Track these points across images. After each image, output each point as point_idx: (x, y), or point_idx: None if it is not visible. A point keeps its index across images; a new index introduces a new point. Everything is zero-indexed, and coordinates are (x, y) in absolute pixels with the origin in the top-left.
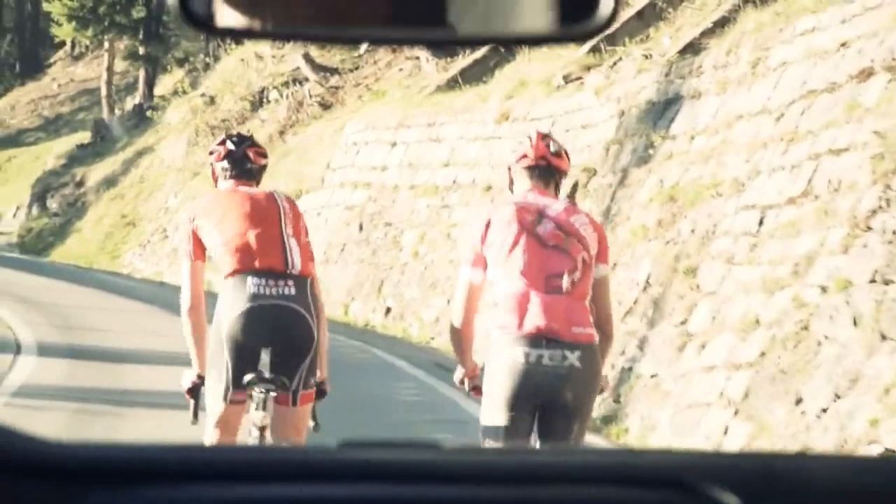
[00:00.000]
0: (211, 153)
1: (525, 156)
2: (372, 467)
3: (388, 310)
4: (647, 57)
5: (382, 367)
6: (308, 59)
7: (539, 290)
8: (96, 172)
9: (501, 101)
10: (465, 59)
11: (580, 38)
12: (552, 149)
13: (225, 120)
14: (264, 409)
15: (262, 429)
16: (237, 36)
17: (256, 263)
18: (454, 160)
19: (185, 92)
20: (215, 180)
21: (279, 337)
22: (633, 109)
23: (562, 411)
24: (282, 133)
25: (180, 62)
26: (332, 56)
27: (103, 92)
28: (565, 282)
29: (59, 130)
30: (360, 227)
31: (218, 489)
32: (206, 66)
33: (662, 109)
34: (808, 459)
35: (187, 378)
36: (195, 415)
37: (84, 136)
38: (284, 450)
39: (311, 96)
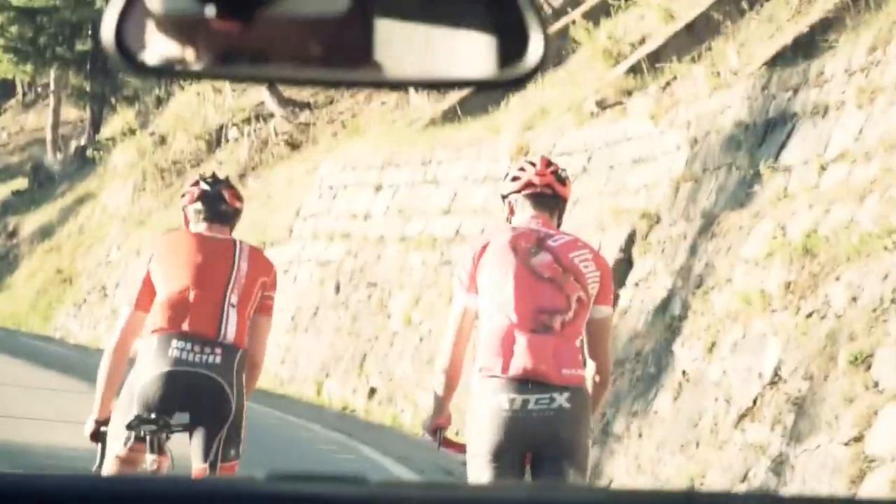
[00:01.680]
0: (183, 196)
1: (530, 183)
2: (299, 500)
3: (373, 391)
4: (716, 74)
5: (373, 473)
6: (274, 92)
7: (527, 327)
8: (31, 222)
9: (518, 132)
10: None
11: (514, 84)
12: (559, 176)
13: (177, 162)
14: (155, 451)
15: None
16: (166, 75)
17: (186, 326)
18: (457, 206)
19: (133, 132)
20: (187, 225)
21: (193, 407)
22: (711, 136)
23: (553, 457)
24: (242, 176)
25: (130, 101)
26: (302, 90)
27: (48, 136)
28: (556, 321)
29: (8, 181)
30: (337, 288)
31: None
32: (159, 103)
33: (763, 133)
34: (725, 496)
35: (89, 423)
36: (100, 462)
37: (22, 183)
38: (211, 481)
39: (277, 134)
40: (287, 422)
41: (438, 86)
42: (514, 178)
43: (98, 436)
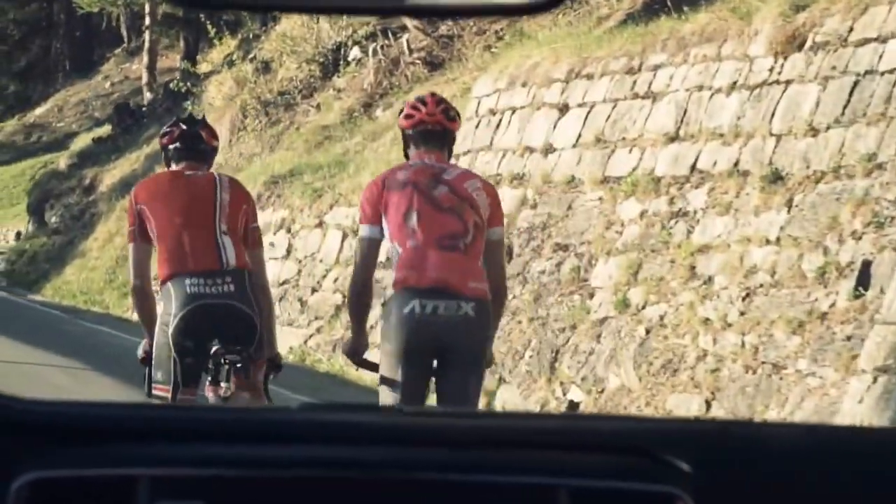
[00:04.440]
0: (163, 136)
1: (421, 121)
2: (332, 428)
3: (574, 406)
4: None
5: None
6: None
7: (434, 248)
8: (111, 174)
9: (781, 17)
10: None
11: (539, 10)
12: (449, 114)
13: (284, 93)
14: (227, 380)
15: (226, 400)
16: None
17: (191, 265)
18: (690, 129)
19: (233, 64)
20: (168, 165)
21: (223, 334)
22: None
23: (458, 360)
24: (368, 106)
25: (231, 28)
26: None
27: (143, 78)
28: (460, 243)
29: (94, 129)
30: (510, 253)
31: (180, 448)
32: (263, 24)
33: None
34: (759, 426)
35: (141, 348)
36: (149, 386)
37: (106, 130)
38: (245, 410)
39: (410, 51)
40: None
41: (460, 13)
42: (408, 116)
43: (148, 360)
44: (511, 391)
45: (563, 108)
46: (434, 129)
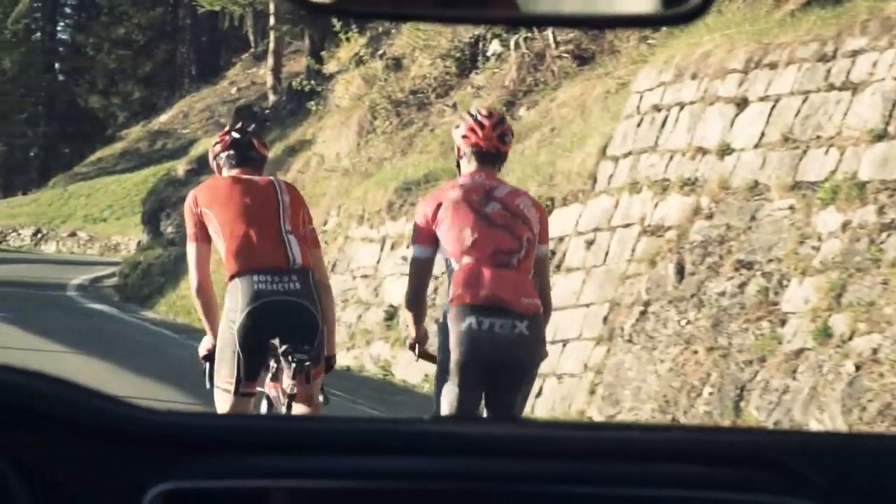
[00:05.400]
0: (215, 145)
1: (478, 143)
2: (465, 440)
3: None
4: None
5: None
6: None
7: (488, 265)
8: None
9: None
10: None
11: (675, 22)
12: (504, 139)
13: (417, 91)
14: (293, 378)
15: (291, 396)
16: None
17: (258, 262)
18: None
19: (362, 62)
20: (220, 172)
21: (287, 330)
22: None
23: (511, 376)
24: (510, 104)
25: (359, 23)
26: None
27: (268, 80)
28: (513, 259)
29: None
30: (681, 271)
31: (313, 460)
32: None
33: None
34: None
35: (203, 346)
36: (211, 379)
37: None
38: (377, 422)
39: (557, 44)
40: None
41: (595, 24)
42: (464, 136)
43: (209, 357)
44: None
45: (742, 103)
46: (488, 151)
